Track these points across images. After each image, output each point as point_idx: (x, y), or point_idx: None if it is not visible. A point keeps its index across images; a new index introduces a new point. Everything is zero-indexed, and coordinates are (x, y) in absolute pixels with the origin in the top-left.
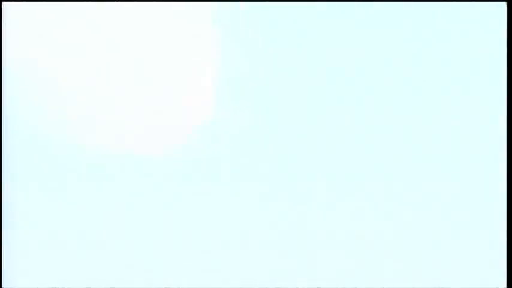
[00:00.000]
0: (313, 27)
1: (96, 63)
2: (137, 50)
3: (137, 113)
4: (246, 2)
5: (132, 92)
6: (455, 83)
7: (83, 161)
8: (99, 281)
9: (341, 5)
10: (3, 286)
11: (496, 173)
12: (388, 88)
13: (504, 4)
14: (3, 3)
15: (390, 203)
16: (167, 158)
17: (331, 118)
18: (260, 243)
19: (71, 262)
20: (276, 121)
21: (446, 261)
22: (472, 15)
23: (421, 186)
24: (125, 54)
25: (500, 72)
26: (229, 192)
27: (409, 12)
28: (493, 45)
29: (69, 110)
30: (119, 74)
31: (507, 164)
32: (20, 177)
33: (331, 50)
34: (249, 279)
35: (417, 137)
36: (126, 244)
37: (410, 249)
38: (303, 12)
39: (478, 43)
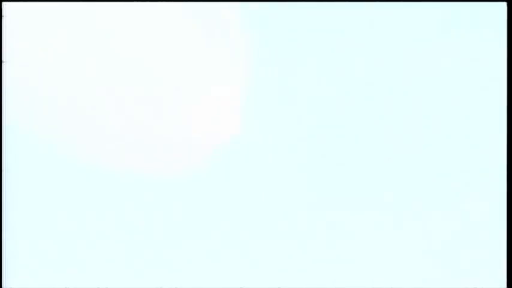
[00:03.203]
0: (349, 31)
1: (101, 68)
2: (152, 57)
3: (152, 129)
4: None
5: (145, 105)
6: (455, 83)
7: (93, 178)
8: (99, 281)
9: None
10: (3, 286)
11: (496, 173)
12: (387, 89)
13: (504, 4)
14: (3, 3)
15: (389, 202)
16: (188, 178)
17: (364, 135)
18: (286, 263)
19: (71, 262)
20: (308, 136)
21: (447, 261)
22: (472, 15)
23: (420, 185)
24: (136, 61)
25: (500, 72)
26: (256, 210)
27: (409, 12)
28: (493, 45)
29: (72, 120)
30: (130, 84)
31: (507, 164)
32: (21, 177)
33: (368, 59)
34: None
35: (416, 136)
36: (127, 247)
37: (410, 248)
38: (336, 14)
39: (478, 43)
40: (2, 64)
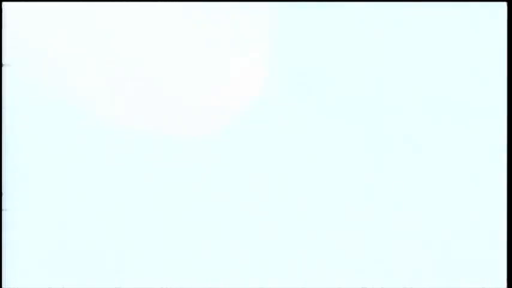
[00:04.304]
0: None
1: (107, 62)
2: (175, 26)
3: (178, 92)
4: None
5: (170, 71)
6: (455, 83)
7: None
8: (99, 281)
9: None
10: (3, 286)
11: (496, 173)
12: (386, 89)
13: (504, 4)
14: (3, 3)
15: (389, 202)
16: (211, 139)
17: (385, 110)
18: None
19: (71, 262)
20: (332, 105)
21: (446, 261)
22: (472, 15)
23: (420, 185)
24: (158, 32)
25: (500, 72)
26: (276, 177)
27: (408, 12)
28: (493, 45)
29: (74, 119)
30: (154, 53)
31: (507, 164)
32: (21, 175)
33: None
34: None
35: (417, 136)
36: (140, 240)
37: (410, 248)
38: None
39: (478, 43)
40: (2, 66)
